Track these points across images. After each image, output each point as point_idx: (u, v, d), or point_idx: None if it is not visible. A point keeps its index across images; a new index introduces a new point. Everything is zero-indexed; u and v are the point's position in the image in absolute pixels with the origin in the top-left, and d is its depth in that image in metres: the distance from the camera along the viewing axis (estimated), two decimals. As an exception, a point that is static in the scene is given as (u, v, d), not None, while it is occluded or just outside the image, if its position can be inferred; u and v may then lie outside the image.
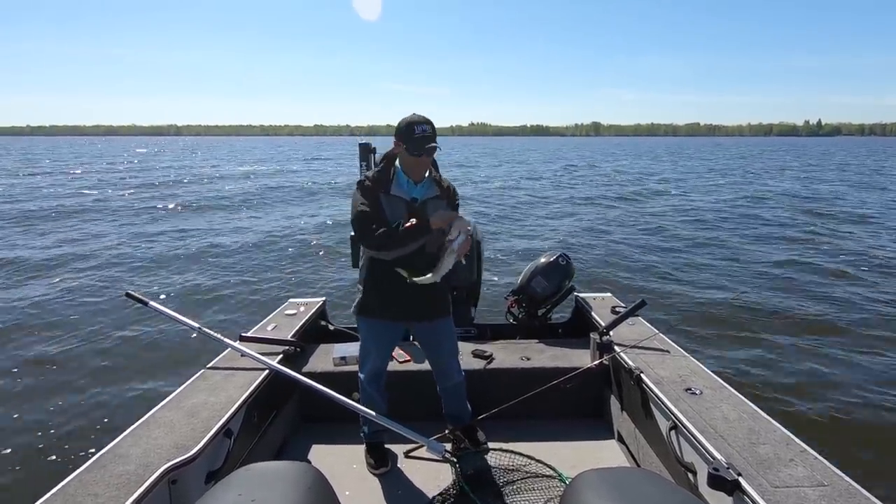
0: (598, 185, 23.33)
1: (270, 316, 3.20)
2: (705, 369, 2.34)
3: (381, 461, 2.38)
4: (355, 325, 3.43)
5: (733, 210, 15.02)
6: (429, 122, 2.05)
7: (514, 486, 2.19)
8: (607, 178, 27.49)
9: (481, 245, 3.37)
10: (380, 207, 2.08)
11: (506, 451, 2.40)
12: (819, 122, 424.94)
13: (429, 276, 2.02)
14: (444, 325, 2.33)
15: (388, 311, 2.22)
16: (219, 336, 2.59)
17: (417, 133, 2.01)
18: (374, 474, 2.35)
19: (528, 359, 2.84)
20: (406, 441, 2.31)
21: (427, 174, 2.17)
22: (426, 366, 2.49)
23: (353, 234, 3.25)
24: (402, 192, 2.11)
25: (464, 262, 2.10)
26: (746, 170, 32.78)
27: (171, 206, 16.12)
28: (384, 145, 2.23)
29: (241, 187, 22.47)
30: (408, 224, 1.99)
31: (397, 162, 2.14)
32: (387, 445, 2.46)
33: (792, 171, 32.00)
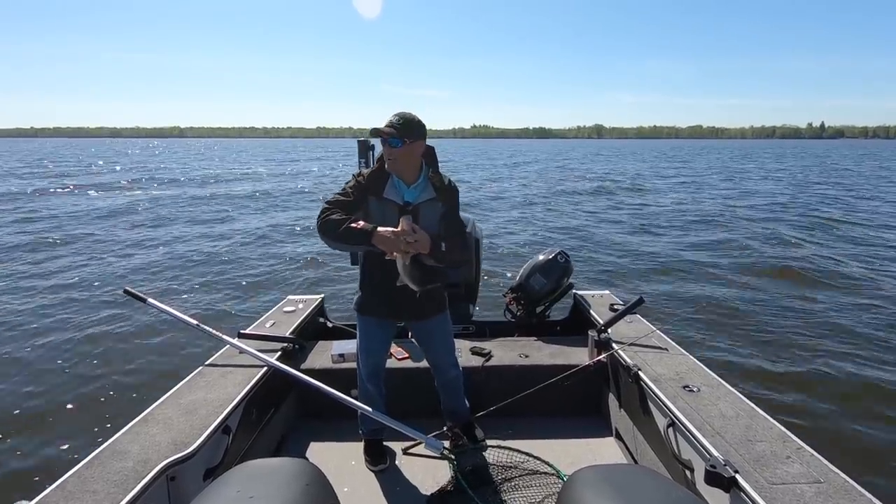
0: (601, 183, 23.34)
1: (269, 313, 3.20)
2: (703, 367, 2.34)
3: (379, 458, 2.39)
4: (353, 323, 3.45)
5: (733, 209, 15.04)
6: (401, 116, 1.98)
7: (512, 483, 2.20)
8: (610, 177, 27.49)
9: (480, 243, 3.36)
10: (366, 209, 2.04)
11: (504, 447, 2.41)
12: (822, 125, 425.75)
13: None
14: (438, 322, 2.32)
15: (383, 309, 2.23)
16: (217, 333, 2.58)
17: (385, 123, 1.98)
18: (373, 471, 2.35)
19: (527, 356, 2.84)
20: (404, 438, 2.32)
21: (422, 174, 2.11)
22: (424, 363, 2.50)
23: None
24: (395, 194, 2.07)
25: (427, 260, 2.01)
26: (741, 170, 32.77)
27: (170, 203, 16.09)
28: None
29: (240, 186, 22.44)
30: (355, 224, 1.93)
31: None
32: (385, 442, 2.46)
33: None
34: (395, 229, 1.92)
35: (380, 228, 1.92)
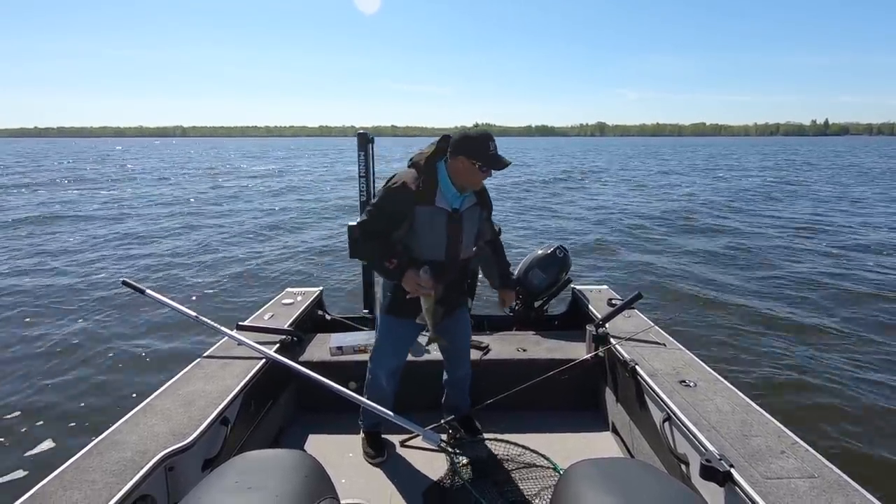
0: (600, 182, 23.31)
1: (267, 305, 3.20)
2: (700, 362, 2.35)
3: (377, 450, 2.40)
4: (352, 315, 3.45)
5: (730, 204, 15.05)
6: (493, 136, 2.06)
7: (509, 476, 2.21)
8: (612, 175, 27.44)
9: None
10: (412, 217, 2.01)
11: (501, 441, 2.42)
12: (826, 122, 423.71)
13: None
14: (462, 315, 2.38)
15: (416, 312, 2.14)
16: (215, 325, 2.58)
17: (493, 150, 2.00)
18: (371, 463, 2.37)
19: (525, 350, 2.85)
20: (403, 430, 2.33)
21: None
22: (424, 357, 2.51)
23: (350, 223, 3.25)
24: (445, 203, 2.05)
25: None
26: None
27: (169, 195, 16.05)
28: (389, 145, 2.17)
29: (239, 180, 22.39)
30: (388, 263, 2.02)
31: (441, 168, 2.06)
32: (383, 435, 2.48)
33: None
34: (415, 279, 1.97)
35: (406, 274, 1.99)
